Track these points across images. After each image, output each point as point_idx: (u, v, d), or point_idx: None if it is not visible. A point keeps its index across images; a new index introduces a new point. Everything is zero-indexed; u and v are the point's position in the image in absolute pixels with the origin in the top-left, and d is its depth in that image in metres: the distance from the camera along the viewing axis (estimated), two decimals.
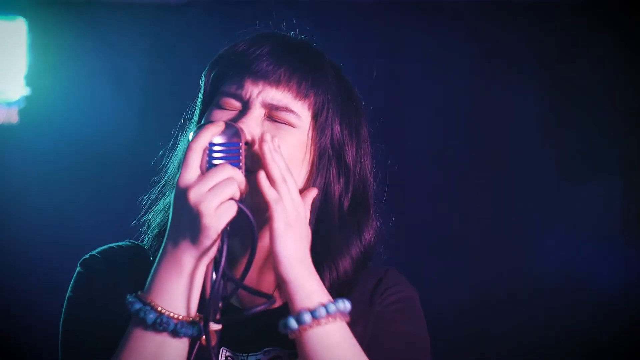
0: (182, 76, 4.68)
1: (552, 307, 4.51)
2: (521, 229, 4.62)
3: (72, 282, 1.92)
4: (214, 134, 1.71)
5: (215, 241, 1.66)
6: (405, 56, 4.61)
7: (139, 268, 1.84)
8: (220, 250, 1.66)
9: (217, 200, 1.65)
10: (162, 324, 1.66)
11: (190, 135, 1.74)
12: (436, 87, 4.64)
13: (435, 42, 4.64)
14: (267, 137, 1.76)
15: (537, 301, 4.52)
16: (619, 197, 4.56)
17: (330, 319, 1.70)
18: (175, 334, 1.67)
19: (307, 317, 1.69)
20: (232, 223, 1.69)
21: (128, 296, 1.69)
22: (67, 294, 1.91)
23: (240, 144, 1.73)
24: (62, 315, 1.89)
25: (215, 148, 1.71)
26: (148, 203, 2.03)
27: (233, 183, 1.67)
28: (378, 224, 1.99)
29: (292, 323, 1.70)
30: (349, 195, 1.94)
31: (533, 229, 4.61)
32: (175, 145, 2.05)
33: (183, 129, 2.04)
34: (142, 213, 2.03)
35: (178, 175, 1.68)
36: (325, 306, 1.71)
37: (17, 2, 4.63)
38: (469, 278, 4.57)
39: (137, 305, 1.67)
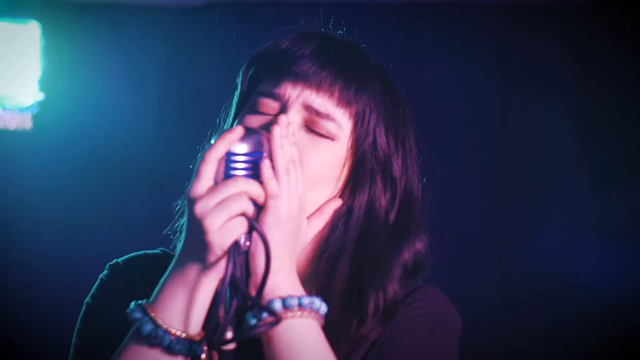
0: (201, 79, 4.65)
1: (551, 307, 4.49)
2: (525, 231, 4.60)
3: (93, 288, 1.84)
4: (230, 143, 1.58)
5: (221, 257, 1.55)
6: (428, 59, 4.58)
7: (159, 279, 1.72)
8: (226, 268, 1.54)
9: (223, 216, 1.53)
10: (157, 338, 1.56)
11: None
12: (459, 91, 4.59)
13: (460, 45, 4.61)
14: (281, 121, 1.63)
15: (537, 301, 4.51)
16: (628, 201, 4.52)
17: (289, 313, 1.57)
18: (169, 350, 1.57)
19: (264, 315, 1.57)
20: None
21: (131, 303, 1.60)
22: (86, 299, 1.83)
23: (265, 154, 1.59)
24: (79, 321, 1.81)
25: (237, 158, 1.58)
26: (179, 209, 1.90)
27: (243, 198, 1.55)
28: (425, 240, 1.84)
29: (249, 318, 1.58)
30: (395, 210, 1.81)
31: (535, 230, 4.59)
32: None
33: (217, 131, 1.88)
34: (175, 219, 1.93)
35: (189, 185, 1.56)
36: (283, 300, 1.58)
37: (30, 5, 4.61)
38: (468, 278, 4.51)
39: (137, 315, 1.58)
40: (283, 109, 1.71)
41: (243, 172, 1.57)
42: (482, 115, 4.64)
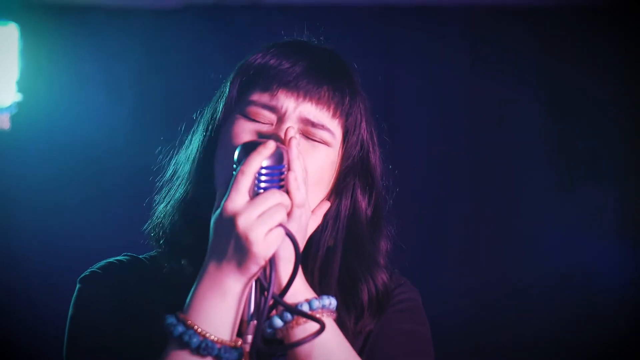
0: (176, 81, 4.68)
1: (549, 308, 4.53)
2: (519, 231, 4.64)
3: (73, 300, 1.87)
4: (265, 157, 1.67)
5: (262, 267, 1.64)
6: (401, 60, 4.61)
7: (143, 284, 1.82)
8: (268, 277, 1.63)
9: (266, 227, 1.61)
10: (207, 349, 1.63)
11: (236, 155, 1.69)
12: (433, 92, 4.64)
13: (431, 47, 4.65)
14: (291, 131, 1.74)
15: (535, 301, 4.55)
16: (616, 199, 4.58)
17: (314, 315, 1.68)
18: (218, 359, 1.64)
19: (289, 315, 1.68)
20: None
21: (168, 317, 1.65)
22: (70, 312, 1.86)
23: (286, 165, 1.69)
24: (66, 333, 1.84)
25: (263, 172, 1.67)
26: (157, 205, 1.98)
27: (282, 209, 1.64)
28: (391, 228, 1.98)
29: (277, 321, 1.69)
30: (372, 206, 1.93)
31: (531, 230, 4.63)
32: (180, 144, 2.01)
33: (191, 128, 1.99)
34: (151, 216, 1.97)
35: (225, 198, 1.62)
36: (309, 302, 1.69)
37: (9, 8, 4.61)
38: (467, 279, 4.56)
39: (180, 329, 1.63)
40: (279, 120, 1.79)
41: (269, 185, 1.67)
42: (452, 116, 4.69)
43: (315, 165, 1.81)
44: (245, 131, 1.79)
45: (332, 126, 1.83)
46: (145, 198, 2.06)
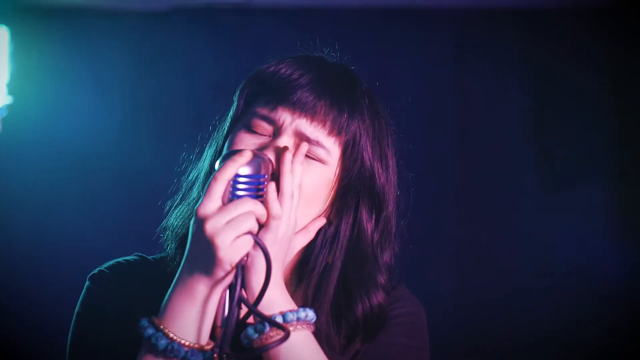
0: (165, 83, 4.69)
1: (541, 307, 4.56)
2: (508, 231, 4.67)
3: (81, 298, 1.89)
4: (240, 165, 1.68)
5: (229, 272, 1.65)
6: (388, 63, 4.62)
7: (147, 284, 1.84)
8: (234, 283, 1.65)
9: (233, 234, 1.61)
10: (173, 351, 1.65)
11: (217, 164, 1.71)
12: (420, 94, 4.64)
13: (420, 49, 4.67)
14: (290, 149, 1.75)
15: (526, 301, 4.57)
16: (605, 198, 4.61)
17: (290, 327, 1.67)
18: None
19: (263, 326, 1.67)
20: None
21: (142, 320, 1.68)
22: (76, 309, 1.88)
23: (267, 176, 1.70)
24: (71, 331, 1.86)
25: (240, 179, 1.68)
26: (171, 208, 1.98)
27: (251, 217, 1.65)
28: (396, 247, 1.97)
29: (250, 331, 1.69)
30: (380, 229, 1.92)
31: (520, 230, 4.66)
32: (200, 152, 2.00)
33: (210, 137, 1.98)
34: (164, 221, 1.97)
35: (199, 203, 1.65)
36: (283, 315, 1.69)
37: None
38: (456, 280, 4.59)
39: (150, 331, 1.66)
40: (276, 133, 1.80)
41: (246, 193, 1.68)
42: (440, 117, 4.71)
43: (310, 181, 1.80)
44: (243, 142, 1.81)
45: (327, 144, 1.82)
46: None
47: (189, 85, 4.54)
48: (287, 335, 1.66)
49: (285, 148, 1.75)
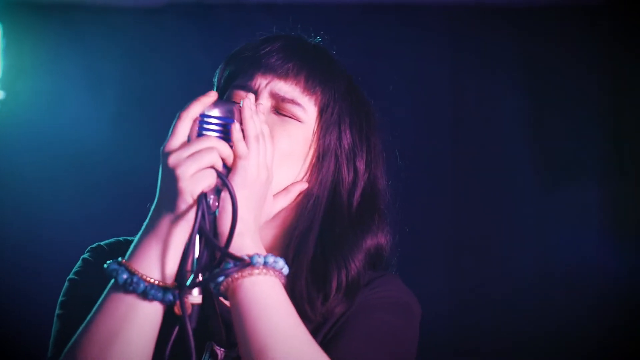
0: (158, 79, 4.67)
1: (534, 307, 4.55)
2: (502, 230, 4.66)
3: (76, 266, 1.92)
4: (205, 105, 1.71)
5: (192, 207, 1.66)
6: (384, 59, 4.61)
7: None
8: (195, 216, 1.64)
9: (195, 165, 1.64)
10: (132, 284, 1.64)
11: None
12: (415, 91, 4.64)
13: (415, 45, 4.67)
14: (251, 96, 1.77)
15: (533, 301, 4.56)
16: (601, 198, 4.61)
17: (255, 270, 1.64)
18: (144, 295, 1.65)
19: (230, 265, 1.65)
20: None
21: (108, 261, 1.69)
22: (69, 277, 1.90)
23: (235, 121, 1.72)
24: (61, 295, 1.88)
25: (209, 120, 1.71)
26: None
27: (214, 152, 1.67)
28: (387, 232, 1.97)
29: (216, 271, 1.66)
30: (358, 196, 1.94)
31: (515, 230, 4.65)
32: None
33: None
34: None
35: (165, 141, 1.68)
36: (250, 257, 1.66)
37: None
38: (451, 280, 4.59)
39: (113, 267, 1.67)
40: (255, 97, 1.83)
41: (215, 134, 1.70)
42: (435, 115, 4.71)
43: (285, 136, 1.85)
44: None
45: (303, 101, 1.88)
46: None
47: (182, 81, 4.53)
48: (246, 263, 1.64)
49: (248, 95, 1.78)
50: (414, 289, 1.96)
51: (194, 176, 1.64)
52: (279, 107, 1.87)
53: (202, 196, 1.65)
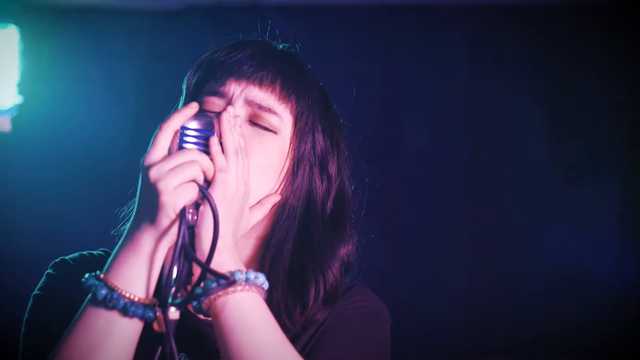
0: (178, 82, 4.67)
1: (549, 308, 4.54)
2: (520, 231, 4.64)
3: (40, 282, 1.89)
4: (186, 117, 1.69)
5: (174, 221, 1.63)
6: (402, 60, 4.60)
7: None
8: (178, 231, 1.62)
9: (177, 179, 1.61)
10: (112, 300, 1.61)
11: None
12: (434, 91, 4.63)
13: (433, 46, 4.65)
14: (230, 109, 1.75)
15: (532, 301, 4.55)
16: (618, 198, 4.58)
17: (238, 287, 1.63)
18: (124, 312, 1.62)
19: (213, 284, 1.63)
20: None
21: (85, 275, 1.66)
22: (34, 292, 1.88)
23: (215, 134, 1.70)
24: (27, 312, 1.85)
25: (189, 133, 1.68)
26: (126, 213, 1.99)
27: (196, 166, 1.64)
28: (356, 239, 1.95)
29: (198, 290, 1.63)
30: (331, 203, 1.93)
31: (529, 229, 4.63)
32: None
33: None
34: (120, 224, 1.99)
35: (145, 153, 1.65)
36: (232, 273, 1.63)
37: (9, 10, 4.61)
38: (464, 279, 4.56)
39: (91, 281, 1.64)
40: (229, 104, 1.81)
41: (195, 147, 1.67)
42: (454, 116, 4.69)
43: (261, 150, 1.82)
44: None
45: (279, 110, 1.84)
46: None
47: None
48: (230, 282, 1.62)
49: (225, 109, 1.75)
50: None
51: (176, 190, 1.61)
52: (254, 117, 1.83)
53: (183, 211, 1.62)
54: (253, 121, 1.83)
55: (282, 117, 1.85)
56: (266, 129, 1.83)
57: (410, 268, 4.39)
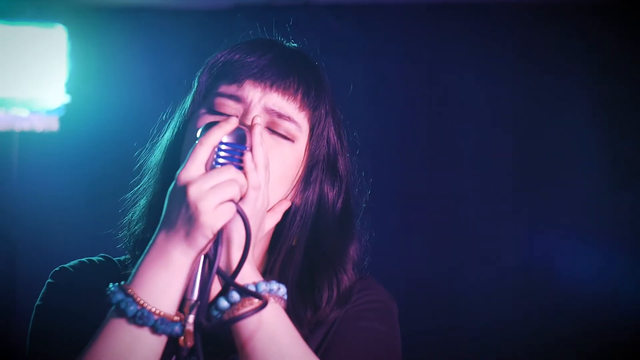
0: None
1: (547, 308, 4.52)
2: (539, 233, 4.61)
3: (42, 292, 1.88)
4: (226, 132, 1.66)
5: (210, 240, 1.62)
6: (454, 58, 4.58)
7: (107, 284, 1.74)
8: (214, 251, 1.61)
9: (217, 199, 1.59)
10: (142, 318, 1.60)
11: (198, 133, 1.69)
12: (484, 90, 4.60)
13: (484, 43, 4.61)
14: (258, 120, 1.72)
15: (531, 301, 4.54)
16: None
17: (262, 299, 1.63)
18: (154, 330, 1.61)
19: (236, 296, 1.63)
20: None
21: (110, 285, 1.64)
22: (36, 303, 1.86)
23: (247, 148, 1.68)
24: (31, 323, 1.84)
25: (223, 147, 1.66)
26: (130, 205, 2.01)
27: (235, 185, 1.62)
28: (361, 236, 1.96)
29: (223, 302, 1.64)
30: (340, 205, 1.92)
31: (549, 233, 4.60)
32: (152, 147, 2.04)
33: (161, 130, 2.03)
34: (124, 217, 2.00)
35: (181, 168, 1.62)
36: (255, 285, 1.65)
37: (57, 10, 4.64)
38: (464, 279, 4.51)
39: (119, 296, 1.61)
40: (245, 112, 1.77)
41: (229, 161, 1.65)
42: (500, 117, 4.65)
43: (279, 160, 1.79)
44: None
45: (298, 118, 1.81)
46: None
47: None
48: (264, 303, 1.63)
49: (255, 119, 1.72)
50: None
51: (216, 210, 1.59)
52: (272, 124, 1.79)
53: (221, 232, 1.62)
54: (271, 128, 1.79)
55: (301, 126, 1.82)
56: (284, 137, 1.80)
57: (432, 266, 4.40)
